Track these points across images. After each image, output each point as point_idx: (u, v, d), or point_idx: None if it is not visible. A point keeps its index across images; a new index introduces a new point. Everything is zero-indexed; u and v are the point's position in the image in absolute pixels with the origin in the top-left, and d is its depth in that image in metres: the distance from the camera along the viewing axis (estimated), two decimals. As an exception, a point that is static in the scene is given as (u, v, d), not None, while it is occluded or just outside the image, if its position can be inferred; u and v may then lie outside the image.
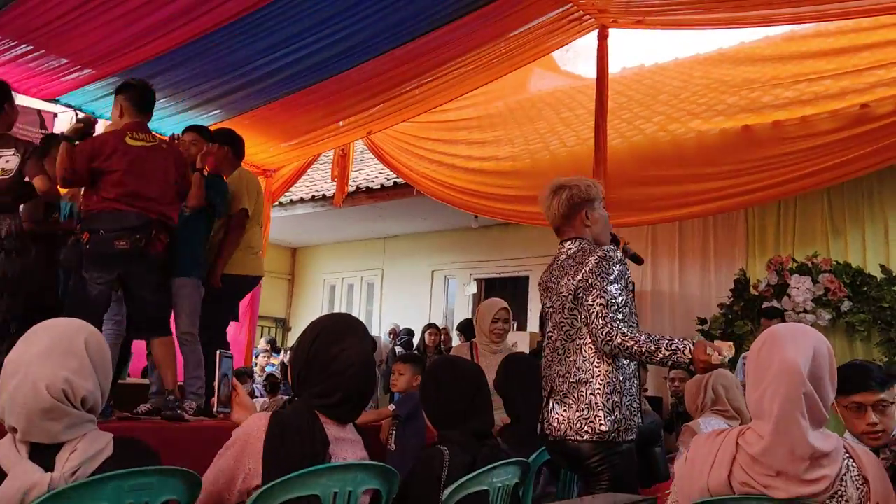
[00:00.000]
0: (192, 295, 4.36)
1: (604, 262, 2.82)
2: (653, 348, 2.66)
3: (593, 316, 2.77)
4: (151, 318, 4.03)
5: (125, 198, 3.83)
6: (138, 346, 4.52)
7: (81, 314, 3.77)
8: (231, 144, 4.91)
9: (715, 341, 2.69)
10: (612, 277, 2.80)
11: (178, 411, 3.89)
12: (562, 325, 2.92)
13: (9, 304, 3.79)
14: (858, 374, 2.37)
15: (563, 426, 2.80)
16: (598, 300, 2.77)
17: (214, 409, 2.36)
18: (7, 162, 3.79)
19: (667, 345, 2.66)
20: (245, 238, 4.85)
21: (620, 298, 2.80)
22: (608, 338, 2.71)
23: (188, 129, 4.78)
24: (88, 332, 1.92)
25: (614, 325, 2.72)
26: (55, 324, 1.95)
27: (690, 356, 2.62)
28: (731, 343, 2.69)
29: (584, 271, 2.84)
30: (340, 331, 2.22)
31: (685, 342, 2.67)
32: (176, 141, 4.40)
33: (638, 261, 3.52)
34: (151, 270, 3.98)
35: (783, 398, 1.85)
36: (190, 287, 4.36)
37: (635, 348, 2.68)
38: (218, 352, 2.41)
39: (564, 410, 2.81)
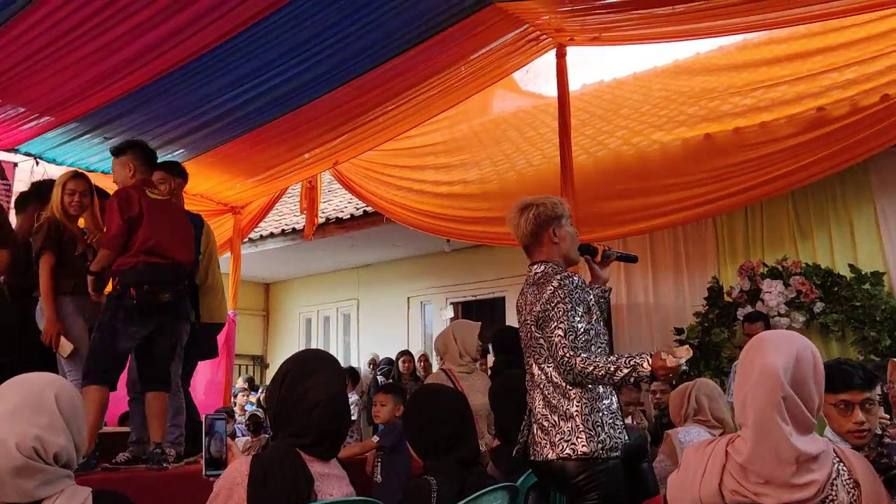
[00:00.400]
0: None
1: (559, 292, 2.82)
2: (612, 369, 2.67)
3: (553, 346, 2.77)
4: (164, 371, 4.07)
5: (157, 251, 3.91)
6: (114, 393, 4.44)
7: (106, 365, 3.78)
8: (183, 177, 4.89)
9: (667, 347, 2.71)
10: (569, 306, 2.80)
11: (164, 464, 3.83)
12: (533, 350, 2.92)
13: None
14: (846, 373, 2.39)
15: (545, 450, 2.79)
16: (556, 331, 2.78)
17: (204, 473, 2.32)
18: None
19: (625, 362, 2.67)
20: (219, 283, 4.87)
21: (580, 325, 2.80)
22: (568, 366, 2.72)
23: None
24: (58, 386, 1.88)
25: (571, 353, 2.72)
26: (23, 379, 1.90)
27: (650, 367, 2.64)
28: (687, 346, 2.71)
29: (542, 300, 2.85)
30: (307, 369, 2.22)
31: (642, 356, 2.68)
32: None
33: (630, 259, 3.53)
34: (178, 322, 4.11)
35: (761, 402, 1.86)
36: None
37: (595, 373, 2.68)
38: (205, 416, 2.40)
39: (545, 434, 2.80)
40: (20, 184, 5.03)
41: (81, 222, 4.32)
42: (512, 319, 9.44)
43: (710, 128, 5.63)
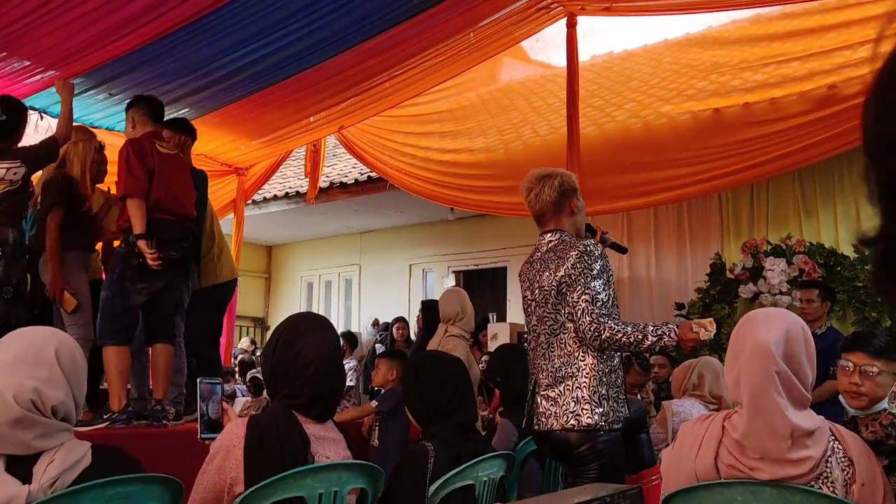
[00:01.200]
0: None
1: (585, 258, 2.82)
2: (640, 337, 2.69)
3: (579, 313, 2.77)
4: (169, 324, 4.07)
5: (166, 207, 3.88)
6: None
7: (120, 324, 3.79)
8: (190, 133, 4.84)
9: (695, 319, 2.73)
10: (594, 273, 2.81)
11: (163, 421, 3.86)
12: (545, 319, 2.91)
13: (12, 309, 3.76)
14: (859, 338, 2.53)
15: (550, 420, 2.80)
16: (582, 297, 2.77)
17: (199, 435, 2.34)
18: (14, 174, 3.79)
19: (652, 331, 2.70)
20: (219, 243, 4.85)
21: (604, 294, 2.81)
22: (596, 333, 2.72)
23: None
24: (59, 340, 1.89)
25: (601, 320, 2.73)
26: (24, 333, 1.92)
27: (677, 338, 2.66)
28: (711, 319, 2.73)
29: (566, 266, 2.84)
30: (300, 330, 2.23)
31: (669, 326, 2.72)
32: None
33: (621, 250, 3.53)
34: (184, 279, 4.09)
35: (755, 377, 1.87)
36: None
37: (623, 339, 2.70)
38: (199, 380, 2.41)
39: (551, 405, 2.81)
40: (25, 137, 5.01)
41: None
42: (513, 289, 9.46)
43: (719, 102, 5.57)
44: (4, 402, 1.73)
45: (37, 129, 5.82)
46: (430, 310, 5.97)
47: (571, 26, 5.48)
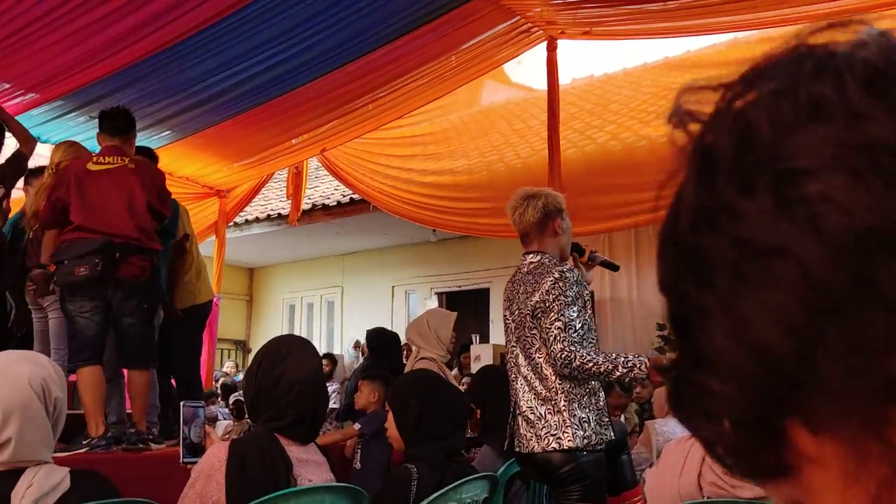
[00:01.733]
0: None
1: (560, 283, 2.82)
2: (610, 367, 2.70)
3: (551, 339, 2.77)
4: (133, 348, 3.91)
5: (86, 225, 3.76)
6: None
7: (76, 345, 3.76)
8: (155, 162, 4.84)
9: (668, 353, 2.75)
10: (569, 300, 2.81)
11: (140, 444, 3.80)
12: (523, 340, 2.92)
13: None
14: None
15: (531, 442, 2.80)
16: (555, 323, 2.78)
17: (181, 459, 2.32)
18: None
19: (623, 362, 2.71)
20: (196, 264, 4.81)
21: (578, 321, 2.81)
22: (566, 361, 2.73)
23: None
24: (30, 368, 1.90)
25: (572, 348, 2.73)
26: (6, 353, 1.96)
27: (647, 371, 2.67)
28: None
29: (540, 292, 2.84)
30: (282, 352, 2.22)
31: (640, 358, 2.74)
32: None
33: (612, 267, 3.54)
34: (129, 297, 3.85)
35: None
36: None
37: (594, 369, 2.70)
38: (182, 403, 2.40)
39: (530, 427, 2.81)
40: (2, 159, 4.98)
41: None
42: (496, 310, 9.46)
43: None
44: (18, 381, 1.80)
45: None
46: (373, 338, 6.02)
47: (552, 50, 5.55)
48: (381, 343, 5.98)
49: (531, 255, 3.03)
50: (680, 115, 0.38)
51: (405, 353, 9.10)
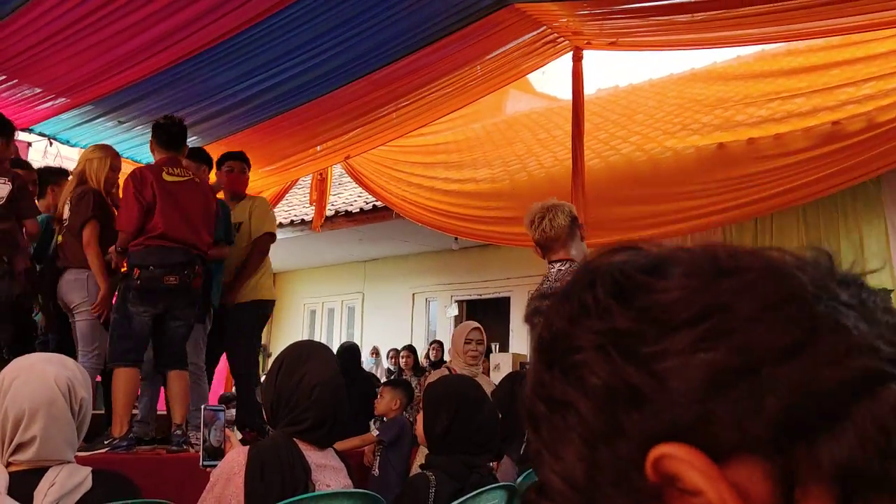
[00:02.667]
0: (199, 327, 4.42)
1: None
2: None
3: None
4: (179, 352, 4.06)
5: (170, 234, 3.90)
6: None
7: (126, 345, 3.82)
8: (246, 161, 4.98)
9: None
10: None
11: (184, 446, 3.85)
12: None
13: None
14: None
15: None
16: None
17: (201, 463, 2.33)
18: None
19: None
20: (266, 262, 4.87)
21: None
22: None
23: (225, 158, 4.94)
24: (56, 371, 1.93)
25: None
26: (33, 355, 2.00)
27: None
28: None
29: None
30: (300, 357, 2.23)
31: None
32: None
33: None
34: (190, 305, 4.06)
35: None
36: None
37: None
38: (203, 406, 2.41)
39: None
40: (33, 163, 5.07)
41: None
42: (517, 319, 9.43)
43: (723, 137, 5.61)
44: (45, 380, 1.84)
45: (45, 156, 5.88)
46: (342, 354, 6.11)
47: (577, 60, 5.54)
48: (349, 358, 6.12)
49: (559, 264, 3.02)
50: (529, 315, 0.52)
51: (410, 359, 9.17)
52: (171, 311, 3.96)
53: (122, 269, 4.05)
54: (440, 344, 9.26)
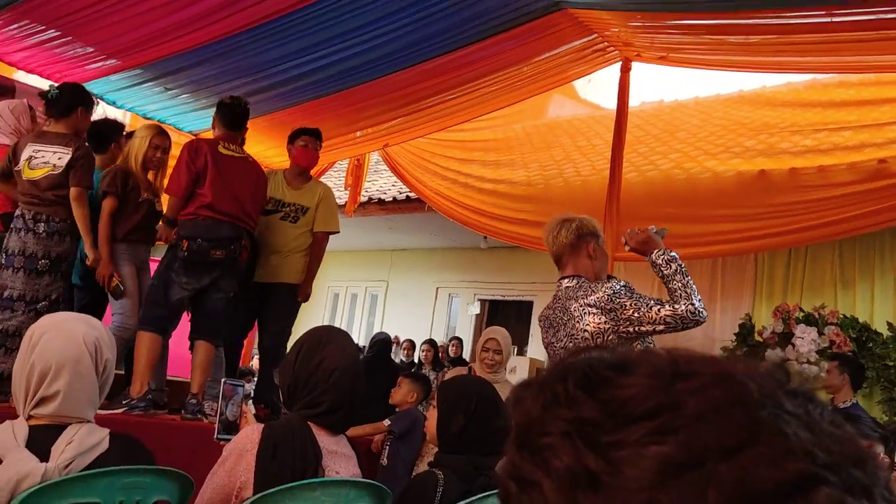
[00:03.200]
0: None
1: (622, 289, 2.87)
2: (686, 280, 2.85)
3: (659, 319, 2.78)
4: (216, 324, 4.12)
5: (217, 206, 3.96)
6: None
7: (158, 312, 3.90)
8: (320, 139, 4.93)
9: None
10: (635, 295, 2.88)
11: (198, 414, 3.90)
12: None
13: (56, 281, 3.82)
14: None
15: None
16: (652, 307, 2.80)
17: (216, 436, 2.36)
18: (59, 159, 3.84)
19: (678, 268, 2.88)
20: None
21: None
22: (690, 306, 2.79)
23: (300, 133, 4.86)
24: (84, 328, 1.97)
25: (674, 306, 2.79)
26: (62, 313, 2.03)
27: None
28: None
29: (608, 294, 2.84)
30: (320, 342, 2.24)
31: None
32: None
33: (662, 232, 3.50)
34: (234, 278, 4.14)
35: None
36: None
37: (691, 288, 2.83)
38: (223, 380, 2.44)
39: None
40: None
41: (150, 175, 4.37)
42: (537, 325, 9.41)
43: (765, 163, 5.54)
44: (73, 336, 1.87)
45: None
46: (375, 344, 6.12)
47: (625, 71, 5.49)
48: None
49: (567, 280, 3.02)
50: (510, 403, 0.56)
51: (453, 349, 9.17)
52: (213, 285, 4.01)
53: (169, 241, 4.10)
54: (460, 341, 9.26)
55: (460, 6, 4.58)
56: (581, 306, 2.89)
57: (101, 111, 5.86)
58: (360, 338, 11.32)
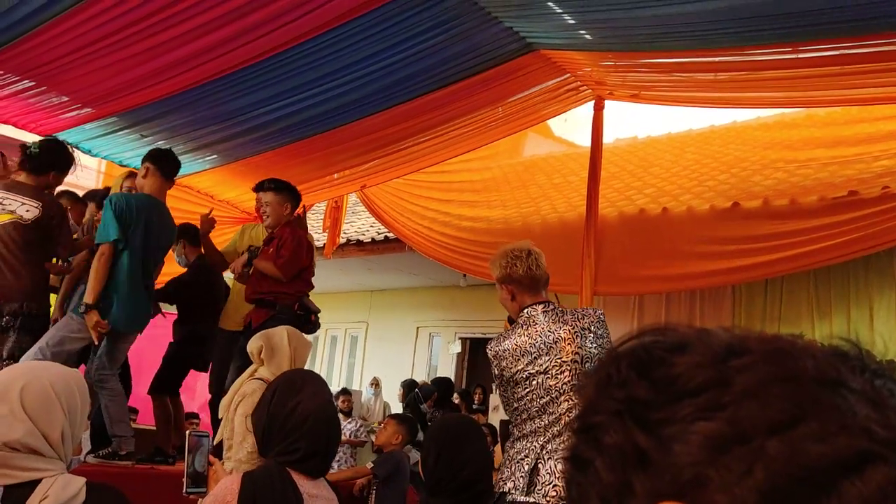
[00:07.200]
0: None
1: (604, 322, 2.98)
2: None
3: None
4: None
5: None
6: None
7: None
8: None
9: None
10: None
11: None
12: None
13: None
14: None
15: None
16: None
17: (185, 490, 2.31)
18: (27, 211, 3.83)
19: None
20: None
21: None
22: None
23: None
24: (26, 380, 1.85)
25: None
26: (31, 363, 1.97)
27: None
28: None
29: (601, 319, 2.92)
30: (295, 386, 2.23)
31: None
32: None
33: None
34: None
35: None
36: None
37: None
38: (188, 432, 2.40)
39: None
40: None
41: None
42: (518, 362, 9.36)
43: (739, 197, 5.62)
44: (77, 381, 1.87)
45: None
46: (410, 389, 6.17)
47: (599, 109, 5.59)
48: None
49: (542, 305, 3.02)
50: (576, 388, 0.62)
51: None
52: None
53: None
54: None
55: (431, 51, 4.64)
56: (574, 328, 2.92)
57: (76, 159, 5.86)
58: (341, 380, 11.22)
